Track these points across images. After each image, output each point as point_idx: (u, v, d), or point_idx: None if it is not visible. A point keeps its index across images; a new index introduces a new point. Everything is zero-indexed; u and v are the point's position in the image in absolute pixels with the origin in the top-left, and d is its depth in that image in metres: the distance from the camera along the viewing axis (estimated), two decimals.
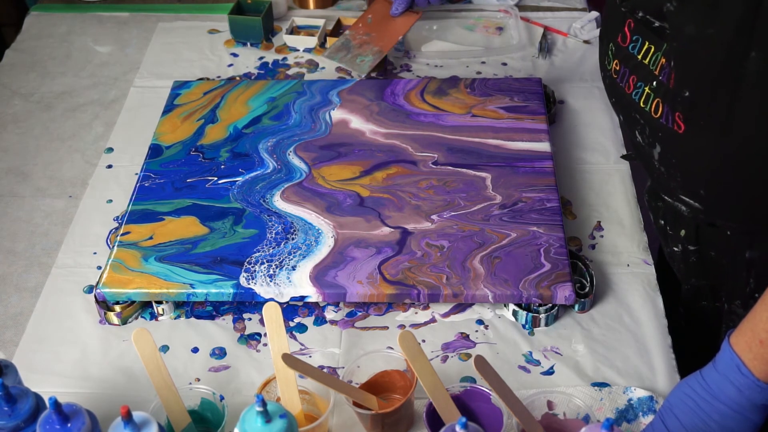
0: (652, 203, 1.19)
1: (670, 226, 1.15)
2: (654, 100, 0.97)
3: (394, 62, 1.54)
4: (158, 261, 1.12)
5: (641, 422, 0.97)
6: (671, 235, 1.16)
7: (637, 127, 1.04)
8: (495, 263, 1.10)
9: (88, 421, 0.83)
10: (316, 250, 1.13)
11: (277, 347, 0.93)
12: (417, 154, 1.27)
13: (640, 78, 0.99)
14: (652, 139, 1.01)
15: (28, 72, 1.58)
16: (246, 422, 0.82)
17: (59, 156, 1.39)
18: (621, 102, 1.05)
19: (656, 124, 0.98)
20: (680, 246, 1.14)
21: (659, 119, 0.97)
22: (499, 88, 1.39)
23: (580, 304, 1.10)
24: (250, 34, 1.60)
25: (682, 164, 1.00)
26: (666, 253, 1.22)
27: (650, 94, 0.98)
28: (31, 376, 1.02)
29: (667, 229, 1.16)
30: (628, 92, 1.02)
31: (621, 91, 1.04)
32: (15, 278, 1.19)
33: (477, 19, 1.67)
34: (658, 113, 0.97)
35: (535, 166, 1.24)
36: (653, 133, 1.01)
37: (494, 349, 1.07)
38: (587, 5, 1.69)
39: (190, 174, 1.26)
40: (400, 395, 0.99)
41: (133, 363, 1.06)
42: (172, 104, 1.39)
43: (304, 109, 1.37)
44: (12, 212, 1.29)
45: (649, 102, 0.98)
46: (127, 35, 1.66)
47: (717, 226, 1.06)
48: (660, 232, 1.20)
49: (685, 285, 1.20)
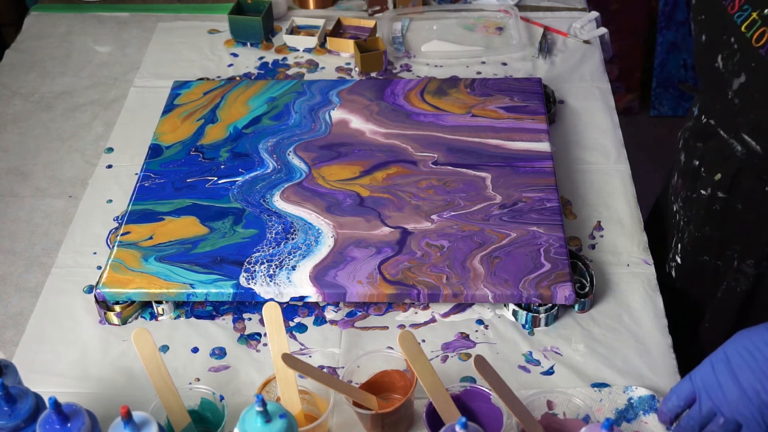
0: (691, 142, 1.16)
1: (705, 168, 1.11)
2: (760, 28, 0.93)
3: (394, 62, 1.54)
4: (158, 261, 1.12)
5: (642, 421, 0.97)
6: (703, 178, 1.12)
7: (723, 51, 0.99)
8: (495, 263, 1.10)
9: (88, 421, 0.83)
10: (316, 250, 1.13)
11: (277, 347, 0.93)
12: (417, 154, 1.27)
13: (749, 1, 0.94)
14: (739, 67, 0.97)
15: (28, 72, 1.58)
16: (246, 422, 0.82)
17: (59, 156, 1.39)
18: (715, 21, 1.00)
19: (752, 53, 0.94)
20: (709, 190, 1.11)
21: (758, 49, 0.93)
22: (499, 88, 1.39)
23: (580, 304, 1.10)
24: (250, 34, 1.60)
25: (765, 100, 0.96)
26: (681, 197, 1.19)
27: (757, 20, 0.93)
28: (31, 376, 1.02)
29: (701, 171, 1.12)
30: (730, 12, 0.96)
31: (720, 9, 0.98)
32: (15, 278, 1.19)
33: (477, 19, 1.67)
34: (760, 42, 0.93)
35: (535, 166, 1.24)
36: (744, 61, 0.96)
37: (494, 349, 1.07)
38: (587, 5, 1.69)
39: (190, 174, 1.26)
40: (400, 395, 0.99)
41: (133, 363, 1.06)
42: (172, 104, 1.39)
43: (304, 109, 1.37)
44: (12, 212, 1.29)
45: (753, 28, 0.94)
46: (127, 35, 1.66)
47: (763, 179, 1.03)
48: (687, 173, 1.16)
49: (696, 233, 1.16)
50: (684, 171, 1.18)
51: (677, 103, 2.69)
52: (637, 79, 2.70)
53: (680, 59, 2.62)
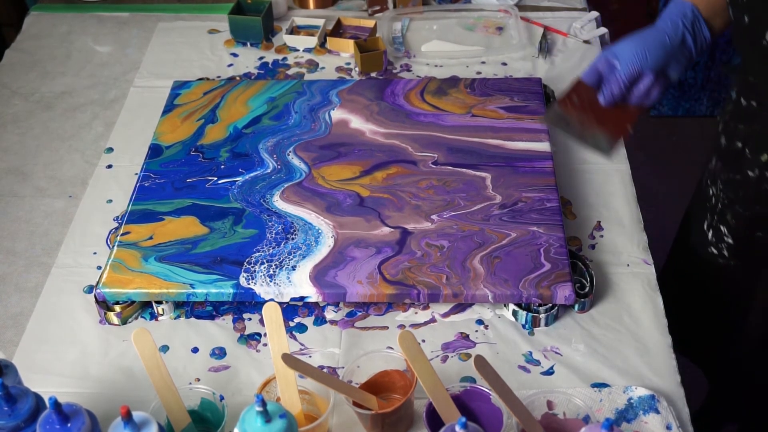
0: (731, 125, 1.17)
1: (750, 149, 1.13)
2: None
3: (394, 62, 1.54)
4: (158, 261, 1.12)
5: (642, 421, 0.97)
6: (748, 159, 1.14)
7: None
8: (495, 263, 1.10)
9: (88, 421, 0.83)
10: (316, 250, 1.13)
11: (277, 347, 0.93)
12: (417, 154, 1.27)
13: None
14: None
15: (28, 72, 1.58)
16: (246, 422, 0.82)
17: (59, 156, 1.39)
18: (759, 1, 1.03)
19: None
20: (757, 171, 1.13)
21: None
22: (499, 88, 1.39)
23: (580, 304, 1.10)
24: (250, 34, 1.60)
25: None
26: (721, 179, 1.20)
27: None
28: (31, 376, 1.02)
29: (745, 153, 1.14)
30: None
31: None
32: (15, 278, 1.19)
33: (477, 19, 1.67)
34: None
35: (535, 166, 1.24)
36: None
37: (494, 349, 1.07)
38: (587, 5, 1.69)
39: (190, 174, 1.26)
40: (400, 395, 0.99)
41: (133, 363, 1.06)
42: (172, 104, 1.39)
43: (304, 109, 1.37)
44: (12, 212, 1.29)
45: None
46: (127, 35, 1.66)
47: None
48: (728, 156, 1.18)
49: (745, 212, 1.18)
50: (725, 153, 1.19)
51: (677, 103, 2.70)
52: None
53: None
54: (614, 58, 1.11)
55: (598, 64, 1.13)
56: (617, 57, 1.11)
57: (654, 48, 1.09)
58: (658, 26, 1.11)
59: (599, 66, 1.13)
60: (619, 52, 1.11)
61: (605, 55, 1.12)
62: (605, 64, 1.12)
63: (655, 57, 1.09)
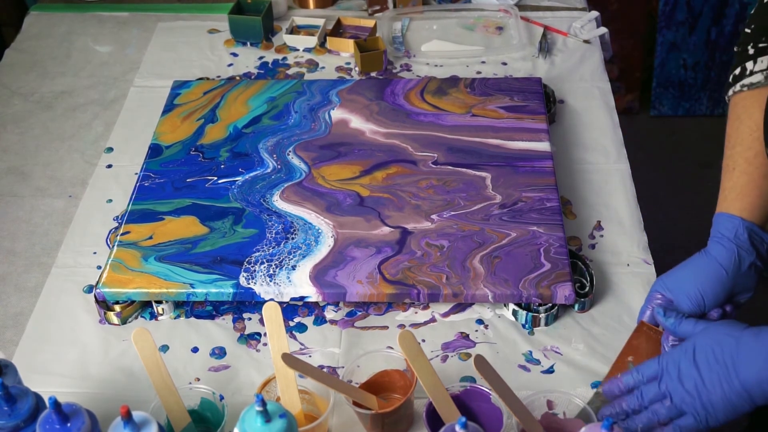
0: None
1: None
2: None
3: (394, 62, 1.54)
4: (158, 261, 1.12)
5: None
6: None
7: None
8: (495, 263, 1.10)
9: (88, 420, 0.83)
10: (316, 250, 1.13)
11: (277, 347, 0.93)
12: (417, 154, 1.27)
13: None
14: None
15: (28, 72, 1.58)
16: (246, 422, 0.82)
17: (59, 156, 1.39)
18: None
19: None
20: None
21: None
22: (499, 87, 1.39)
23: (580, 303, 1.10)
24: (250, 33, 1.60)
25: None
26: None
27: None
28: (31, 376, 1.02)
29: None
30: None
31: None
32: (15, 278, 1.19)
33: (477, 18, 1.67)
34: None
35: (535, 165, 1.24)
36: None
37: (494, 349, 1.07)
38: (587, 5, 1.69)
39: (190, 174, 1.26)
40: (400, 395, 0.99)
41: (133, 363, 1.06)
42: (172, 104, 1.39)
43: (304, 108, 1.37)
44: (12, 212, 1.29)
45: None
46: (127, 35, 1.66)
47: None
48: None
49: None
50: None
51: (677, 103, 2.69)
52: (637, 79, 2.70)
53: (680, 59, 2.62)
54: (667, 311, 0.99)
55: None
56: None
57: (711, 287, 0.98)
58: (710, 254, 0.99)
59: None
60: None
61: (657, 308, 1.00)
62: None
63: (714, 297, 0.98)
